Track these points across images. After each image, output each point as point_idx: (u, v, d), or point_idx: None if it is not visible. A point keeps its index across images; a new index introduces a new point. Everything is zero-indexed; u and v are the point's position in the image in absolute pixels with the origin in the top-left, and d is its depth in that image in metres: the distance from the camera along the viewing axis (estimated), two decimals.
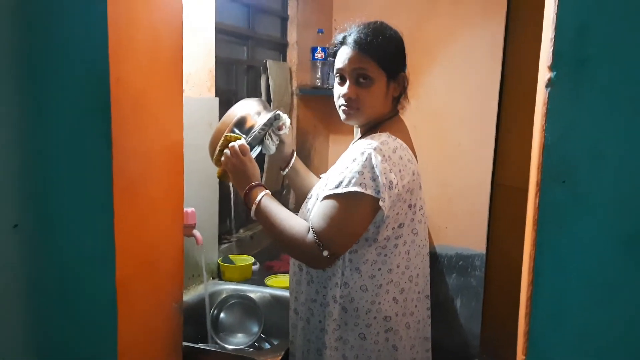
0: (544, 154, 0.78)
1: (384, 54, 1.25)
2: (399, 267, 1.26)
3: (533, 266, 0.80)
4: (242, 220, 2.40)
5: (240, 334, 1.77)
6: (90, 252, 1.06)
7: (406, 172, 1.21)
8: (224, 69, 2.19)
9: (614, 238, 0.75)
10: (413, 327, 1.31)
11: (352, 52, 1.25)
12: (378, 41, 1.25)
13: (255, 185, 1.29)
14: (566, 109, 0.76)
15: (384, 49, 1.25)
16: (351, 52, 1.25)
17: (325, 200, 1.19)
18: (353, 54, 1.25)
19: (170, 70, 1.18)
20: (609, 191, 0.75)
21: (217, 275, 2.05)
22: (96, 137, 1.01)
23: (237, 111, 1.39)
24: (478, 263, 2.96)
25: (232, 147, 1.30)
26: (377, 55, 1.24)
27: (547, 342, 0.81)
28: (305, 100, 2.77)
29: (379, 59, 1.24)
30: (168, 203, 1.22)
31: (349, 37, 1.27)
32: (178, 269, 1.27)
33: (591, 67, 0.75)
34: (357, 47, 1.24)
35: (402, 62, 1.30)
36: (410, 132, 1.36)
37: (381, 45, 1.25)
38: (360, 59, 1.24)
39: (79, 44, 1.00)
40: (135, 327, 1.13)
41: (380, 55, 1.24)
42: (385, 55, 1.25)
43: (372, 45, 1.24)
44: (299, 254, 1.24)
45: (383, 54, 1.24)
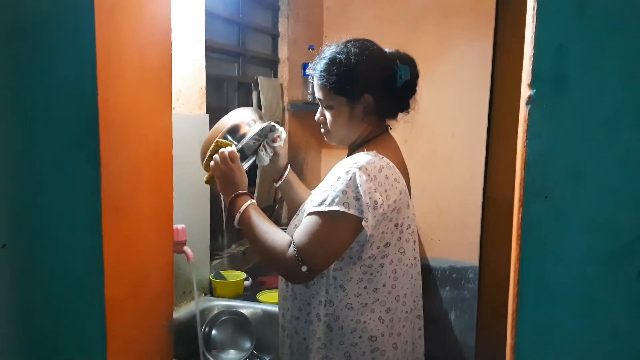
0: (526, 169, 0.79)
1: (333, 80, 1.26)
2: (385, 286, 1.25)
3: (518, 280, 0.81)
4: (234, 235, 2.40)
5: (232, 351, 1.76)
6: (79, 272, 1.05)
7: (392, 192, 1.21)
8: (214, 86, 2.20)
9: (594, 254, 0.77)
10: (401, 347, 1.30)
11: (314, 81, 1.32)
12: (327, 68, 1.27)
13: (241, 193, 1.29)
14: (546, 126, 0.78)
15: (333, 75, 1.26)
16: (313, 81, 1.32)
17: (308, 216, 1.20)
18: (314, 83, 1.32)
19: (159, 90, 1.19)
20: (589, 207, 0.76)
21: (208, 292, 2.04)
22: (85, 157, 1.01)
23: (231, 119, 1.40)
24: (471, 275, 2.97)
25: (222, 153, 1.31)
26: (327, 83, 1.27)
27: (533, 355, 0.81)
28: (296, 116, 2.79)
29: (331, 86, 1.27)
30: (157, 221, 1.22)
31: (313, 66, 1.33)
32: (168, 287, 1.27)
33: (569, 86, 0.76)
34: (314, 77, 1.32)
35: (361, 83, 1.26)
36: (401, 146, 1.37)
37: (331, 72, 1.26)
38: (317, 88, 1.31)
39: (67, 65, 1.00)
40: (125, 347, 1.12)
41: (331, 82, 1.26)
42: (336, 81, 1.26)
43: (322, 74, 1.28)
44: (278, 267, 1.24)
45: (333, 80, 1.26)
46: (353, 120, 1.29)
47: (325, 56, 1.29)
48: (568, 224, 0.77)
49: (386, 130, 1.36)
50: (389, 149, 1.30)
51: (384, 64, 1.28)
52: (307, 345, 1.28)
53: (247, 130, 1.38)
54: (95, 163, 1.00)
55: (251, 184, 2.39)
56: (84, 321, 1.06)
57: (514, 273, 0.82)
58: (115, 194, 1.05)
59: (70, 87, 1.01)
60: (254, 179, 2.40)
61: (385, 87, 1.28)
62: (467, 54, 2.83)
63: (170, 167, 1.25)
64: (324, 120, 1.32)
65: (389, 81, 1.28)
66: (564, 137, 0.77)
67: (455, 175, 2.92)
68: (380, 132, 1.33)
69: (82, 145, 1.01)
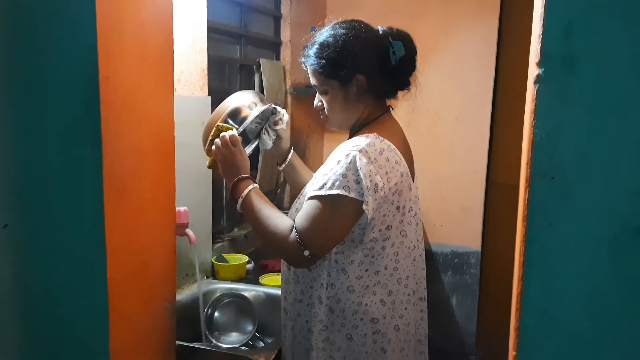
0: (533, 150, 0.78)
1: (322, 64, 1.25)
2: (386, 269, 1.25)
3: (523, 262, 0.80)
4: (236, 219, 2.39)
5: (235, 333, 1.77)
6: (81, 253, 1.05)
7: (393, 174, 1.20)
8: (216, 68, 2.18)
9: (600, 236, 0.76)
10: (403, 329, 1.29)
11: (307, 68, 1.30)
12: (317, 53, 1.26)
13: (243, 177, 1.29)
14: (554, 106, 0.76)
15: (322, 60, 1.25)
16: (307, 68, 1.31)
17: (309, 200, 1.19)
18: (308, 70, 1.30)
19: (160, 69, 1.17)
20: (596, 189, 0.75)
21: (211, 275, 2.05)
22: (86, 136, 1.00)
23: (231, 102, 1.39)
24: (473, 261, 2.97)
25: (223, 137, 1.30)
26: (318, 68, 1.26)
27: (538, 338, 0.81)
28: (299, 99, 2.77)
29: (322, 71, 1.26)
30: (160, 203, 1.21)
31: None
32: (170, 269, 1.27)
33: (578, 65, 0.75)
34: (304, 64, 1.30)
35: (350, 64, 1.23)
36: (405, 130, 1.35)
37: (320, 57, 1.25)
38: (311, 75, 1.30)
39: (67, 43, 0.99)
40: (128, 328, 1.12)
41: (321, 67, 1.25)
42: (324, 65, 1.25)
43: (313, 59, 1.27)
44: (281, 252, 1.24)
45: (321, 64, 1.25)
46: (348, 102, 1.27)
47: (315, 41, 1.28)
48: (575, 205, 0.76)
49: (387, 111, 1.34)
50: (390, 131, 1.28)
51: (374, 42, 1.26)
52: (309, 327, 1.29)
53: (247, 114, 1.37)
54: (96, 143, 0.99)
55: (253, 168, 2.38)
56: (86, 302, 1.06)
57: (519, 255, 0.81)
58: (117, 174, 1.04)
59: (71, 65, 0.99)
60: (256, 163, 2.39)
61: (378, 66, 1.26)
62: (472, 38, 2.80)
63: (172, 148, 1.23)
64: (322, 106, 1.32)
65: (381, 59, 1.25)
66: (572, 117, 0.76)
67: (458, 160, 2.91)
68: (381, 113, 1.31)
69: (83, 125, 1.00)
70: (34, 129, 1.04)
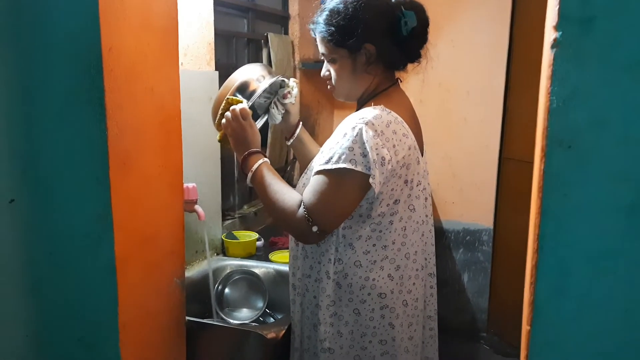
0: (549, 118, 0.75)
1: (331, 32, 1.22)
2: (394, 244, 1.23)
3: (538, 234, 0.78)
4: (246, 196, 2.39)
5: (245, 309, 1.77)
6: (87, 227, 1.04)
7: (401, 147, 1.17)
8: (223, 42, 2.15)
9: (617, 206, 0.73)
10: (411, 304, 1.28)
11: (316, 36, 1.28)
12: (326, 20, 1.23)
13: (254, 151, 1.27)
14: (572, 71, 0.73)
15: (332, 27, 1.22)
16: (316, 36, 1.28)
17: (316, 175, 1.17)
18: (316, 38, 1.28)
19: (165, 40, 1.15)
20: (614, 157, 0.73)
21: (221, 251, 2.04)
22: (90, 109, 0.99)
23: (239, 75, 1.37)
24: (485, 238, 2.95)
25: (233, 111, 1.29)
26: (327, 36, 1.23)
27: (552, 311, 0.79)
28: (308, 75, 2.73)
29: (330, 38, 1.23)
30: (167, 178, 1.20)
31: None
32: (179, 245, 1.26)
33: (598, 26, 0.71)
34: (313, 32, 1.28)
35: (360, 32, 1.20)
36: (416, 106, 1.32)
37: (330, 24, 1.22)
38: (319, 42, 1.27)
39: (68, 12, 0.97)
40: (136, 303, 1.12)
41: (330, 34, 1.23)
42: (333, 32, 1.22)
43: (322, 27, 1.24)
44: (289, 228, 1.23)
45: (330, 32, 1.22)
46: (356, 72, 1.25)
47: (324, 8, 1.25)
48: (591, 174, 0.74)
49: (395, 83, 1.31)
50: (398, 103, 1.25)
51: (385, 11, 1.22)
52: (317, 303, 1.28)
53: (256, 87, 1.35)
54: (101, 114, 0.98)
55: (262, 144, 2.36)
56: (94, 276, 1.06)
57: (534, 227, 0.79)
58: (122, 147, 1.03)
59: (72, 35, 0.97)
60: (265, 139, 2.37)
61: (388, 36, 1.22)
62: (484, 9, 2.73)
63: (179, 121, 1.22)
64: (329, 76, 1.29)
65: (392, 29, 1.21)
66: (591, 83, 0.72)
67: (470, 135, 2.87)
68: (389, 85, 1.28)
69: (87, 96, 0.98)
70: (37, 103, 1.02)
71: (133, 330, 1.11)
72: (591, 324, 0.78)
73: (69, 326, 1.10)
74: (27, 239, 1.06)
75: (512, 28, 2.72)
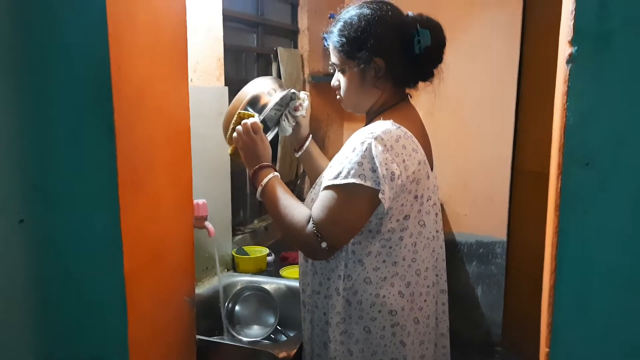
0: (566, 134, 0.73)
1: (342, 42, 1.23)
2: (404, 260, 1.22)
3: (555, 254, 0.76)
4: (256, 211, 2.38)
5: (256, 326, 1.75)
6: (96, 246, 1.04)
7: (410, 162, 1.16)
8: (233, 57, 2.15)
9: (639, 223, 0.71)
10: (422, 322, 1.26)
11: (328, 46, 1.28)
12: (340, 31, 1.23)
13: (265, 166, 1.27)
14: (589, 86, 0.71)
15: (342, 37, 1.23)
16: (328, 46, 1.29)
17: (325, 190, 1.16)
18: (329, 47, 1.28)
19: (174, 57, 1.15)
20: (634, 174, 0.71)
21: (231, 267, 2.03)
22: (99, 127, 0.98)
23: (250, 89, 1.37)
24: (499, 250, 2.91)
25: (245, 125, 1.28)
26: (339, 46, 1.24)
27: (572, 334, 0.77)
28: (317, 88, 2.73)
29: (342, 49, 1.23)
30: (176, 195, 1.19)
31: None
32: (189, 262, 1.25)
33: (615, 42, 0.70)
34: (327, 41, 1.28)
35: (370, 46, 1.19)
36: (427, 119, 1.31)
37: (342, 35, 1.23)
38: (332, 52, 1.27)
39: (77, 31, 0.97)
40: (146, 321, 1.11)
41: (340, 44, 1.23)
42: (344, 43, 1.22)
43: (335, 37, 1.24)
44: (299, 243, 1.21)
45: (342, 42, 1.23)
46: (365, 85, 1.24)
47: (339, 19, 1.25)
48: (611, 192, 0.72)
49: (405, 98, 1.30)
50: (407, 118, 1.23)
51: (399, 27, 1.21)
52: (327, 320, 1.26)
53: (267, 100, 1.35)
54: (110, 132, 0.97)
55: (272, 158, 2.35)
56: (103, 294, 1.05)
57: (551, 247, 0.76)
58: (131, 164, 1.02)
59: (81, 54, 0.97)
60: (275, 153, 2.36)
61: (400, 52, 1.21)
62: (495, 19, 2.72)
63: (188, 138, 1.21)
64: (339, 86, 1.29)
65: (404, 46, 1.20)
66: (608, 99, 0.71)
67: (482, 147, 2.84)
68: (398, 101, 1.27)
69: (96, 115, 0.98)
70: (46, 122, 1.02)
71: (143, 348, 1.10)
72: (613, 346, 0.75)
73: (79, 345, 1.09)
74: (36, 258, 1.06)
75: (523, 38, 2.70)
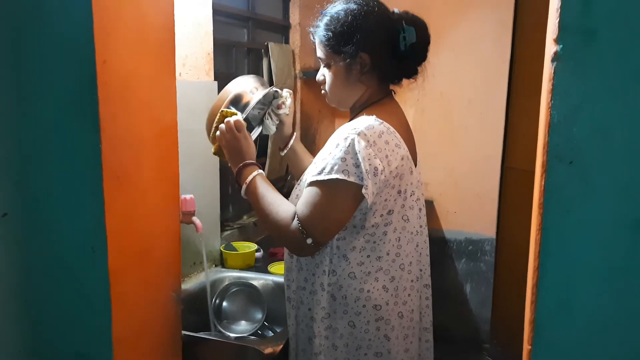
0: (550, 133, 0.73)
1: (328, 37, 1.23)
2: (388, 255, 1.22)
3: (539, 251, 0.76)
4: (245, 206, 2.37)
5: (243, 322, 1.75)
6: (81, 241, 1.03)
7: (393, 158, 1.16)
8: (223, 52, 2.14)
9: (621, 222, 0.71)
10: (406, 316, 1.27)
11: (315, 40, 1.28)
12: (326, 26, 1.24)
13: (248, 163, 1.26)
14: (573, 85, 0.72)
15: (328, 31, 1.23)
16: (314, 40, 1.29)
17: (309, 187, 1.16)
18: (315, 41, 1.28)
19: (161, 52, 1.14)
20: (617, 173, 0.71)
21: (219, 263, 2.02)
22: (83, 122, 0.98)
23: (233, 88, 1.36)
24: (488, 248, 2.92)
25: (227, 123, 1.28)
26: (325, 41, 1.24)
27: (554, 331, 0.77)
28: (309, 84, 2.72)
29: (327, 43, 1.24)
30: (162, 190, 1.19)
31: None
32: (174, 257, 1.25)
33: (599, 40, 0.70)
34: (313, 35, 1.28)
35: (356, 41, 1.19)
36: (418, 116, 1.32)
37: (328, 30, 1.23)
38: (317, 46, 1.28)
39: (62, 25, 0.96)
40: (130, 316, 1.10)
41: (326, 39, 1.23)
42: (330, 37, 1.22)
43: (321, 31, 1.25)
44: (284, 240, 1.21)
45: (328, 37, 1.23)
46: (350, 80, 1.24)
47: (326, 13, 1.25)
48: (594, 191, 0.72)
49: (389, 94, 1.30)
50: (390, 114, 1.24)
51: (385, 23, 1.22)
52: (311, 315, 1.27)
53: (250, 99, 1.34)
54: (94, 128, 0.97)
55: (262, 154, 2.34)
56: (88, 290, 1.05)
57: (535, 245, 0.77)
58: (116, 159, 1.02)
59: (66, 49, 0.97)
60: (265, 149, 2.35)
61: (385, 48, 1.22)
62: (486, 17, 2.72)
63: (175, 133, 1.20)
64: (324, 80, 1.29)
65: (390, 42, 1.21)
66: (593, 97, 0.71)
67: (471, 144, 2.85)
68: (382, 97, 1.28)
69: (81, 109, 0.98)
70: (30, 116, 1.01)
71: (127, 344, 1.10)
72: (595, 344, 0.76)
73: (64, 340, 1.09)
74: (20, 252, 1.05)
75: (514, 36, 2.71)
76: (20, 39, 0.99)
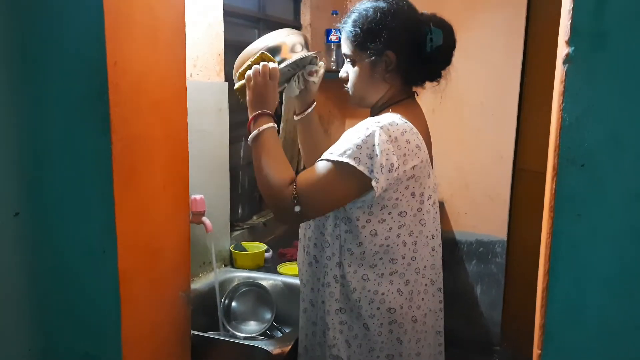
0: (562, 135, 0.73)
1: (356, 33, 1.23)
2: (404, 258, 1.21)
3: (549, 255, 0.75)
4: (255, 206, 2.37)
5: (252, 322, 1.75)
6: (91, 241, 1.04)
7: (411, 158, 1.16)
8: (234, 53, 2.13)
9: (633, 226, 0.70)
10: (420, 320, 1.26)
11: (342, 35, 1.28)
12: (354, 22, 1.24)
13: (268, 113, 1.24)
14: (585, 87, 0.71)
15: (356, 27, 1.23)
16: (342, 35, 1.28)
17: (319, 162, 1.17)
18: (342, 37, 1.28)
19: (171, 54, 1.15)
20: (629, 176, 0.70)
21: (229, 263, 2.03)
22: (94, 123, 0.98)
23: (276, 37, 1.34)
24: (499, 250, 2.90)
25: (265, 66, 1.25)
26: (351, 37, 1.24)
27: (564, 336, 0.77)
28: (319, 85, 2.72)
29: (353, 39, 1.24)
30: (172, 191, 1.19)
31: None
32: (184, 258, 1.25)
33: (611, 42, 0.69)
34: (341, 31, 1.28)
35: (383, 39, 1.20)
36: (428, 116, 1.31)
37: (356, 26, 1.23)
38: (343, 42, 1.27)
39: (73, 26, 0.97)
40: (140, 317, 1.11)
41: (353, 35, 1.23)
42: (358, 34, 1.22)
43: (348, 27, 1.25)
44: (273, 199, 1.20)
45: (355, 33, 1.23)
46: (374, 78, 1.24)
47: (354, 10, 1.26)
48: (605, 194, 0.71)
49: (411, 96, 1.30)
50: (414, 115, 1.24)
51: (413, 23, 1.22)
52: (325, 308, 1.26)
53: (288, 55, 1.32)
54: (105, 129, 0.97)
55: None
56: (97, 290, 1.05)
57: (545, 248, 0.76)
58: (127, 161, 1.02)
59: (77, 50, 0.97)
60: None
61: (411, 49, 1.22)
62: (498, 18, 2.70)
63: (185, 134, 1.21)
64: (347, 78, 1.29)
65: (416, 43, 1.21)
66: (604, 100, 0.70)
67: (483, 146, 2.83)
68: (404, 97, 1.27)
69: (92, 111, 0.98)
70: (42, 117, 1.02)
71: (137, 344, 1.10)
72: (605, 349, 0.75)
73: (74, 340, 1.09)
74: (31, 252, 1.06)
75: (526, 38, 2.69)
76: (31, 41, 0.99)
